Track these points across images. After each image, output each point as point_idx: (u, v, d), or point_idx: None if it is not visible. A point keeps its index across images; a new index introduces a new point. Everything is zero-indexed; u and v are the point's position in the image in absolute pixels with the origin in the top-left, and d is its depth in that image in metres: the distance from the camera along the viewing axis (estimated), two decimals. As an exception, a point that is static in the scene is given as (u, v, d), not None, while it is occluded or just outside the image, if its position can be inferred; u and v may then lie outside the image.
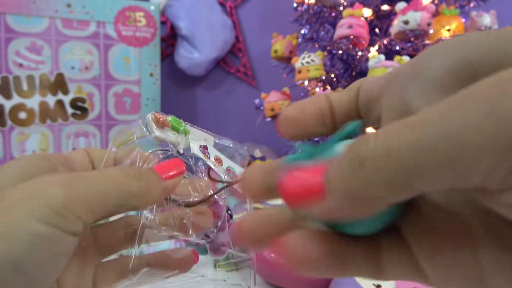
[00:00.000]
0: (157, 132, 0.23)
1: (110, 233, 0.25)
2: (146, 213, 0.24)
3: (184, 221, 0.25)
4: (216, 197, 0.25)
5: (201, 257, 0.66)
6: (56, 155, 0.22)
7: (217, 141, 0.26)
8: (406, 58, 0.68)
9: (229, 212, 0.27)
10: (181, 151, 0.24)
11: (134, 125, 0.24)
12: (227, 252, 0.28)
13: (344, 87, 0.85)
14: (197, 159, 0.25)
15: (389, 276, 0.14)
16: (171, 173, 0.22)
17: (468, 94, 0.10)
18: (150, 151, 0.24)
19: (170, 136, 0.24)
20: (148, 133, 0.23)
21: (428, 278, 0.14)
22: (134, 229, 0.25)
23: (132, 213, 0.25)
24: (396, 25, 0.74)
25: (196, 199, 0.25)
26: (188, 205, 0.25)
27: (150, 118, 0.23)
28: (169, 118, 0.24)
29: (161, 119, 0.23)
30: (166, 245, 0.54)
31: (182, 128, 0.24)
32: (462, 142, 0.09)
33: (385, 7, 0.83)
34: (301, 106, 0.17)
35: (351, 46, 0.75)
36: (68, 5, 0.97)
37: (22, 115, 0.94)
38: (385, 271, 0.14)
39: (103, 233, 0.25)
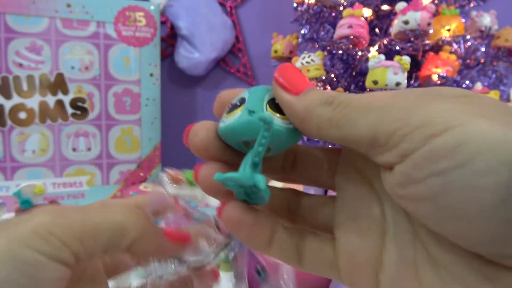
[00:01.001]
0: (171, 190, 0.23)
1: None
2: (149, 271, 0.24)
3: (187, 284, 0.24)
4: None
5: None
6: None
7: None
8: (406, 58, 0.68)
9: (259, 270, 0.26)
10: (198, 205, 0.24)
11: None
12: None
13: (344, 87, 0.85)
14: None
15: (306, 265, 0.18)
16: (174, 239, 0.21)
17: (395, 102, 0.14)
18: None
19: (185, 190, 0.23)
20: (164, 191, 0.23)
21: (339, 270, 0.17)
22: None
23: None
24: (396, 25, 0.74)
25: (202, 260, 0.24)
26: (196, 268, 0.24)
27: (165, 178, 0.23)
28: (186, 174, 0.24)
29: (176, 176, 0.24)
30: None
31: None
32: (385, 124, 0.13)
33: (385, 7, 0.83)
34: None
35: (351, 46, 0.75)
36: (68, 5, 0.97)
37: (22, 115, 0.93)
38: (304, 259, 0.17)
39: None
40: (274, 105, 0.17)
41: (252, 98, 0.17)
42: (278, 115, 0.17)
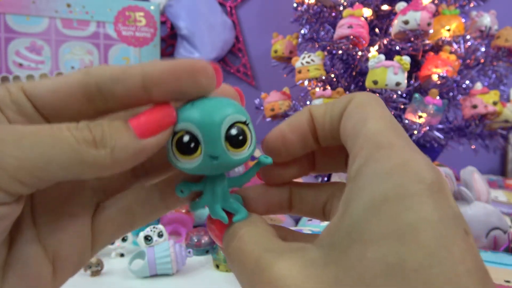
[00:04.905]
0: None
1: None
2: None
3: None
4: None
5: (201, 257, 0.66)
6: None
7: None
8: (406, 58, 0.68)
9: None
10: None
11: None
12: None
13: (344, 87, 0.85)
14: None
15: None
16: (152, 127, 0.15)
17: None
18: None
19: None
20: None
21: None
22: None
23: None
24: (396, 25, 0.74)
25: None
26: None
27: None
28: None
29: None
30: (165, 245, 0.54)
31: None
32: None
33: (385, 7, 0.83)
34: (282, 135, 0.19)
35: (351, 46, 0.75)
36: (68, 5, 0.97)
37: (22, 115, 0.94)
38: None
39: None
40: (231, 138, 0.16)
41: (207, 138, 0.16)
42: (238, 149, 0.17)
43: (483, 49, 0.80)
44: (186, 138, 0.16)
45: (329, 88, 0.83)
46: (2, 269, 0.15)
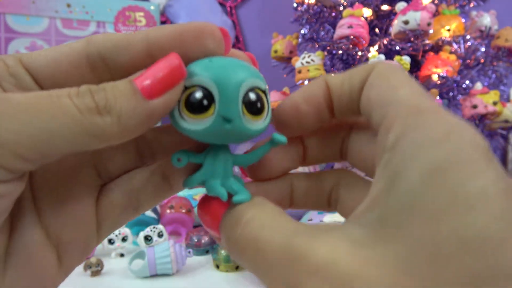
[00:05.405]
0: None
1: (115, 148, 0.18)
2: None
3: None
4: None
5: (201, 257, 0.66)
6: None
7: None
8: (406, 58, 0.68)
9: None
10: None
11: None
12: None
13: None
14: None
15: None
16: (161, 85, 0.14)
17: None
18: None
19: None
20: None
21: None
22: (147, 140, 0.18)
23: None
24: (396, 25, 0.74)
25: None
26: None
27: None
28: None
29: None
30: (165, 245, 0.54)
31: None
32: None
33: (385, 7, 0.83)
34: (296, 106, 0.17)
35: (351, 46, 0.75)
36: (68, 5, 0.97)
37: (22, 115, 0.94)
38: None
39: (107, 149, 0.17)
40: (249, 102, 0.15)
41: (223, 97, 0.14)
42: (255, 117, 0.15)
43: (483, 49, 0.80)
44: (199, 94, 0.14)
45: (329, 88, 0.83)
46: (4, 257, 0.14)
